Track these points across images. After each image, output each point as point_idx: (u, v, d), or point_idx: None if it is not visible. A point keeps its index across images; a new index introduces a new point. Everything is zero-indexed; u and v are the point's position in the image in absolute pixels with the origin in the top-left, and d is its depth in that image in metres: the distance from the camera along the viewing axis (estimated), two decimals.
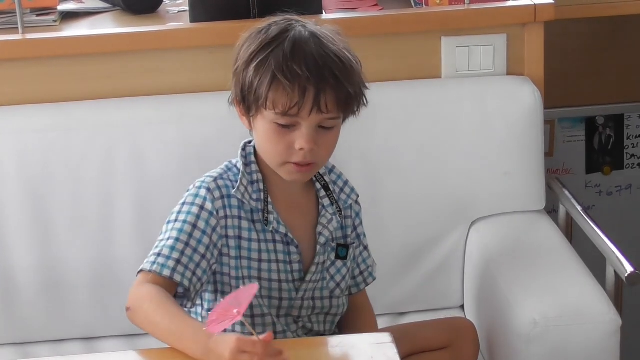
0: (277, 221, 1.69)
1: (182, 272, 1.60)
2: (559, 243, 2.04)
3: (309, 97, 1.57)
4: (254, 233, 1.69)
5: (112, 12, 2.34)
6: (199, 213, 1.64)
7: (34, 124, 2.04)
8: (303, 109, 1.58)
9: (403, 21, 2.13)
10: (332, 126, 1.63)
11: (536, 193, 2.14)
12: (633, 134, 2.86)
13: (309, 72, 1.57)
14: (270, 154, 1.64)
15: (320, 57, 1.59)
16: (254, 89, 1.59)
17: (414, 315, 2.13)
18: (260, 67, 1.59)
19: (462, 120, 2.09)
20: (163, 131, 2.04)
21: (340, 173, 1.80)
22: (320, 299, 1.75)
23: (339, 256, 1.75)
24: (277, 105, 1.58)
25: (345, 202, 1.77)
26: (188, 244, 1.62)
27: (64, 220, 2.04)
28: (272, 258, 1.70)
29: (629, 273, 1.88)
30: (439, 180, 2.10)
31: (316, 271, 1.73)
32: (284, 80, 1.57)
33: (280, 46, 1.59)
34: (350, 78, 1.61)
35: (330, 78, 1.58)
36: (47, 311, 2.07)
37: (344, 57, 1.61)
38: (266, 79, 1.58)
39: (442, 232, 2.13)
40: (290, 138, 1.60)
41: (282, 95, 1.57)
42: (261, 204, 1.68)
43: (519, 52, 2.16)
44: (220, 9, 2.11)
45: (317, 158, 1.63)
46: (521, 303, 1.83)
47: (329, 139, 1.63)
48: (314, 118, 1.59)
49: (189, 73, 2.10)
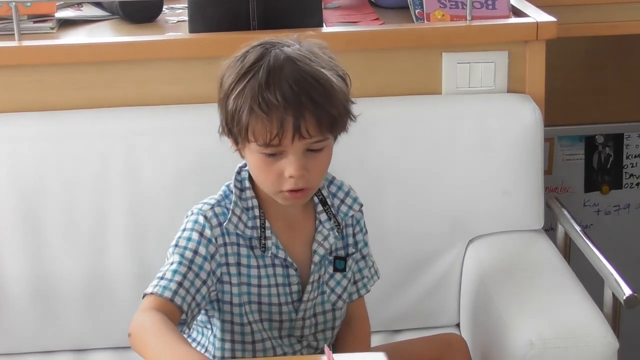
0: (276, 246, 1.67)
1: (183, 295, 1.58)
2: (557, 263, 2.02)
3: (288, 126, 1.54)
4: (252, 259, 1.67)
5: (110, 21, 2.34)
6: (200, 239, 1.63)
7: (28, 132, 2.03)
8: (284, 138, 1.55)
9: (404, 36, 2.13)
10: (320, 148, 1.60)
11: (535, 212, 2.13)
12: (632, 154, 2.86)
13: (285, 101, 1.53)
14: (263, 184, 1.63)
15: (296, 82, 1.54)
16: (236, 120, 1.57)
17: (409, 333, 2.12)
18: (238, 98, 1.56)
19: (461, 137, 2.08)
20: (159, 142, 2.03)
21: (341, 183, 1.78)
22: (322, 314, 1.74)
23: (337, 269, 1.74)
24: (257, 138, 1.56)
25: (346, 214, 1.76)
26: (190, 268, 1.61)
27: (56, 230, 2.02)
28: (272, 282, 1.68)
29: (627, 296, 1.87)
30: (437, 197, 2.09)
31: (312, 289, 1.72)
32: (261, 113, 1.54)
33: (255, 76, 1.55)
34: (330, 99, 1.56)
35: (308, 103, 1.54)
36: (38, 322, 2.05)
37: (322, 78, 1.57)
38: (244, 111, 1.55)
39: (439, 250, 2.11)
40: (279, 167, 1.58)
41: (261, 127, 1.55)
42: (257, 231, 1.67)
43: (520, 69, 2.15)
44: (219, 20, 2.10)
45: (309, 182, 1.60)
46: (518, 323, 1.81)
47: (319, 162, 1.61)
48: (299, 144, 1.56)
49: (187, 84, 2.09)
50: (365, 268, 1.81)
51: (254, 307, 1.68)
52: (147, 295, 1.58)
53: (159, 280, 1.59)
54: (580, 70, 2.78)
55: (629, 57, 2.81)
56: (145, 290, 1.60)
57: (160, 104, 2.08)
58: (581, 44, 2.74)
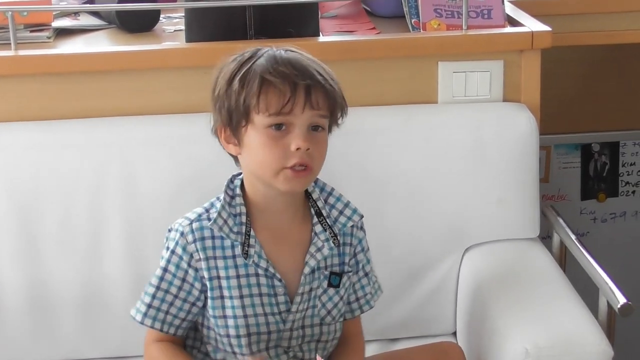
0: (259, 255, 1.68)
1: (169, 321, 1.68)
2: (553, 272, 2.03)
3: (300, 92, 1.58)
4: (231, 270, 1.68)
5: (107, 30, 2.33)
6: (173, 259, 1.68)
7: (24, 141, 2.03)
8: (296, 105, 1.58)
9: (400, 45, 2.13)
10: (322, 126, 1.63)
11: (530, 221, 2.13)
12: (628, 162, 2.87)
13: (296, 70, 1.59)
14: (266, 162, 1.62)
15: (301, 61, 1.61)
16: (242, 99, 1.59)
17: (405, 342, 2.12)
18: (245, 77, 1.60)
19: (457, 146, 2.08)
20: (156, 151, 2.03)
21: (339, 195, 1.78)
22: (310, 327, 1.74)
23: (331, 284, 1.73)
24: (269, 106, 1.58)
25: (344, 225, 1.75)
26: (168, 291, 1.68)
27: (53, 239, 2.02)
28: (255, 292, 1.69)
29: (622, 304, 1.88)
30: (433, 206, 2.09)
31: (302, 301, 1.71)
32: (274, 79, 1.58)
33: (260, 59, 1.61)
34: (332, 78, 1.63)
35: (316, 76, 1.60)
36: (34, 331, 2.05)
37: (322, 64, 1.65)
38: (254, 84, 1.59)
39: (435, 258, 2.11)
40: (285, 142, 1.60)
41: (274, 94, 1.58)
42: (241, 237, 1.67)
43: (516, 78, 2.16)
44: (216, 29, 2.10)
45: (312, 161, 1.62)
46: (513, 332, 1.81)
47: (320, 143, 1.63)
48: (307, 116, 1.59)
49: (184, 93, 2.09)
50: (367, 285, 1.81)
51: (230, 321, 1.69)
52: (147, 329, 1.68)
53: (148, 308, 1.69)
54: (576, 79, 2.79)
55: (625, 65, 2.81)
56: (137, 305, 1.70)
57: (157, 113, 2.08)
58: (576, 53, 2.74)
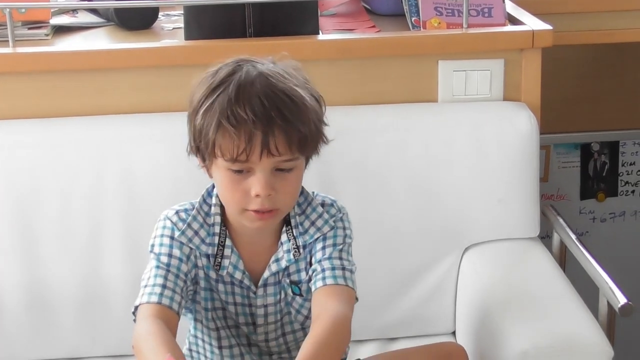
0: (234, 266, 1.66)
1: (170, 295, 1.58)
2: (552, 271, 2.02)
3: (256, 141, 1.50)
4: (212, 272, 1.67)
5: (105, 27, 2.33)
6: (172, 243, 1.64)
7: (22, 139, 2.02)
8: (252, 154, 1.51)
9: (400, 44, 2.12)
10: (290, 168, 1.56)
11: (530, 220, 2.12)
12: (628, 161, 2.86)
13: (254, 115, 1.49)
14: (228, 202, 1.59)
15: (266, 97, 1.51)
16: (203, 134, 1.54)
17: (405, 341, 2.11)
18: (207, 113, 1.53)
19: (457, 145, 2.07)
20: (154, 149, 2.02)
21: (317, 205, 1.68)
22: (292, 333, 1.72)
23: (294, 293, 1.70)
24: (224, 153, 1.52)
25: (311, 237, 1.66)
26: (169, 271, 1.61)
27: (52, 237, 2.01)
28: (230, 300, 1.68)
29: (622, 304, 1.87)
30: (432, 205, 2.08)
31: (266, 313, 1.69)
32: (229, 127, 1.50)
33: (225, 90, 1.52)
34: (301, 117, 1.52)
35: (278, 119, 1.50)
36: (33, 330, 2.05)
37: (294, 94, 1.53)
38: (212, 125, 1.52)
39: (435, 258, 2.11)
40: (246, 185, 1.54)
41: (229, 141, 1.51)
42: (213, 248, 1.65)
43: (516, 77, 2.15)
44: (215, 27, 2.10)
45: (277, 204, 1.56)
46: (513, 331, 1.81)
47: (288, 183, 1.56)
48: (267, 162, 1.52)
49: (182, 91, 2.05)
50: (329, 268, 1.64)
51: (219, 313, 1.67)
52: (139, 306, 1.59)
53: (144, 288, 1.60)
54: (576, 78, 2.79)
55: (625, 65, 2.81)
56: (135, 302, 1.61)
57: (155, 111, 2.07)
58: (577, 52, 2.74)
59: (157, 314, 1.56)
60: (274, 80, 1.53)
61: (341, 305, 1.58)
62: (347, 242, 1.68)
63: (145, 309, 1.57)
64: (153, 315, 1.55)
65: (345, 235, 1.68)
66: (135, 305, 1.60)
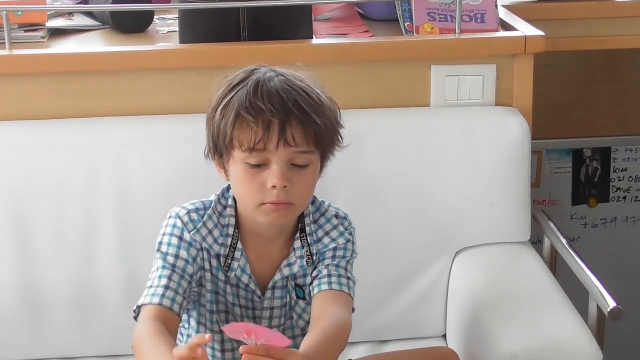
0: (242, 269, 1.67)
1: (172, 297, 1.59)
2: (543, 275, 2.03)
3: (273, 130, 1.54)
4: (221, 273, 1.67)
5: (101, 30, 2.34)
6: (179, 243, 1.64)
7: (18, 140, 2.03)
8: (269, 143, 1.54)
9: (393, 48, 2.13)
10: (305, 163, 1.58)
11: (521, 224, 2.13)
12: (619, 167, 2.87)
13: (272, 106, 1.53)
14: (245, 196, 1.60)
15: (284, 90, 1.56)
16: (221, 131, 1.57)
17: (395, 344, 2.12)
18: (226, 108, 1.57)
19: (449, 149, 2.08)
20: (149, 151, 2.03)
21: (331, 217, 1.72)
22: (292, 338, 1.72)
23: (298, 296, 1.71)
24: (242, 143, 1.55)
25: (326, 247, 1.69)
26: (174, 271, 1.62)
27: (46, 238, 2.02)
28: (236, 302, 1.69)
29: (611, 308, 1.88)
30: (424, 209, 2.09)
31: (271, 316, 1.70)
32: (247, 116, 1.54)
33: (244, 87, 1.57)
34: (317, 110, 1.57)
35: (295, 109, 1.54)
36: (26, 330, 2.05)
37: (311, 91, 1.58)
38: (231, 117, 1.55)
39: (426, 261, 2.12)
40: (262, 177, 1.57)
41: (247, 131, 1.54)
42: (225, 249, 1.66)
43: (508, 82, 2.16)
44: (210, 30, 2.11)
45: (293, 197, 1.58)
46: (502, 335, 1.82)
47: (303, 178, 1.59)
48: (283, 152, 1.55)
49: (177, 94, 2.09)
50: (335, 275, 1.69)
51: (222, 316, 1.69)
52: (142, 307, 1.59)
53: (148, 288, 1.61)
54: (568, 84, 2.80)
55: (617, 71, 2.82)
56: (137, 302, 1.61)
57: (150, 113, 2.08)
58: (569, 58, 2.75)
59: (157, 315, 1.58)
60: (292, 78, 1.59)
61: (344, 311, 1.63)
62: (353, 257, 1.73)
63: (147, 309, 1.59)
64: (153, 317, 1.57)
65: (352, 250, 1.73)
66: (137, 304, 1.61)
